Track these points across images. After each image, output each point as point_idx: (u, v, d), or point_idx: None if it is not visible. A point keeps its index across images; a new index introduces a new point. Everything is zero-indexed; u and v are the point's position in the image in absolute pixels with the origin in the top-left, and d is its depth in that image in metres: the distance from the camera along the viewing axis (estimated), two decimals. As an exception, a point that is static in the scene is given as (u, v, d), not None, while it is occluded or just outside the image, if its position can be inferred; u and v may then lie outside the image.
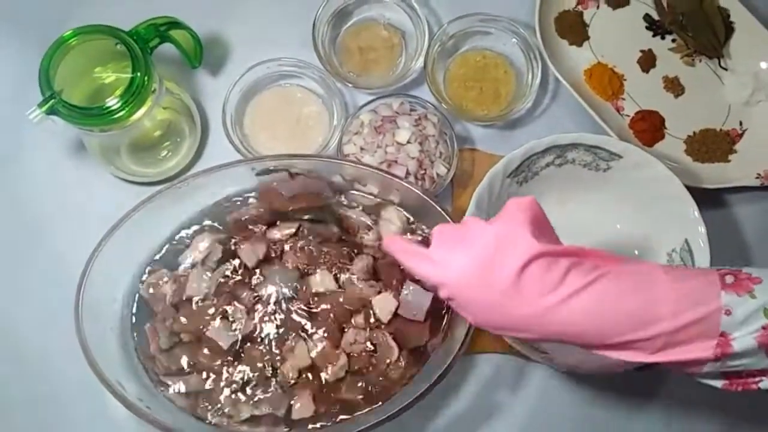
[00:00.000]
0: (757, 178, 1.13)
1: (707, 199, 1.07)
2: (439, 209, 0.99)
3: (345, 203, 1.06)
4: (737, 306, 0.71)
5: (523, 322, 0.75)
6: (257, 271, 1.02)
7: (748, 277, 0.73)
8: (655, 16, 1.21)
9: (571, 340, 0.75)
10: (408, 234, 1.04)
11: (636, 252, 1.10)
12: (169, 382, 0.99)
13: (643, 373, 0.95)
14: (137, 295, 1.02)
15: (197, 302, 1.00)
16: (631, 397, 1.09)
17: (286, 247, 1.03)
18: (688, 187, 1.03)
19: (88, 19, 1.00)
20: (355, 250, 1.03)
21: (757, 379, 0.75)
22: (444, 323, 1.02)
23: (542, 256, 0.74)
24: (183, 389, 0.98)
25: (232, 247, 1.03)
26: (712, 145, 1.16)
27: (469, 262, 0.76)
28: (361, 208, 1.05)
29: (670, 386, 1.09)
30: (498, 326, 0.77)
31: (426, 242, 0.98)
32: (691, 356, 0.72)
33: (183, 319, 1.00)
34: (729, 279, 0.73)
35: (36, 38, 0.99)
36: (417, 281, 0.99)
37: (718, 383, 0.76)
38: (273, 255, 1.03)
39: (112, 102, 0.95)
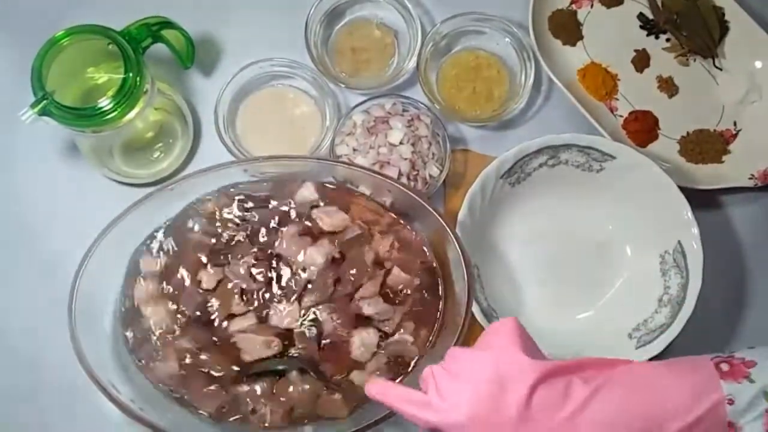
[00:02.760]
0: (750, 178, 1.14)
1: (701, 199, 1.09)
2: (432, 211, 1.00)
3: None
4: (738, 393, 0.72)
5: None
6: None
7: (743, 362, 0.74)
8: (650, 15, 1.22)
9: None
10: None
11: (629, 252, 1.11)
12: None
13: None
14: (126, 298, 1.04)
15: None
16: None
17: None
18: (682, 188, 1.05)
19: (80, 19, 1.01)
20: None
21: None
22: (431, 336, 1.04)
23: (544, 377, 0.74)
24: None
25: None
26: (706, 145, 1.17)
27: (474, 398, 0.75)
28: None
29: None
30: None
31: None
32: None
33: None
34: (724, 367, 0.74)
35: (28, 38, 1.00)
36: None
37: None
38: None
39: (105, 103, 0.96)
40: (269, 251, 1.02)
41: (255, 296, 1.01)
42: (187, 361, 1.00)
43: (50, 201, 1.13)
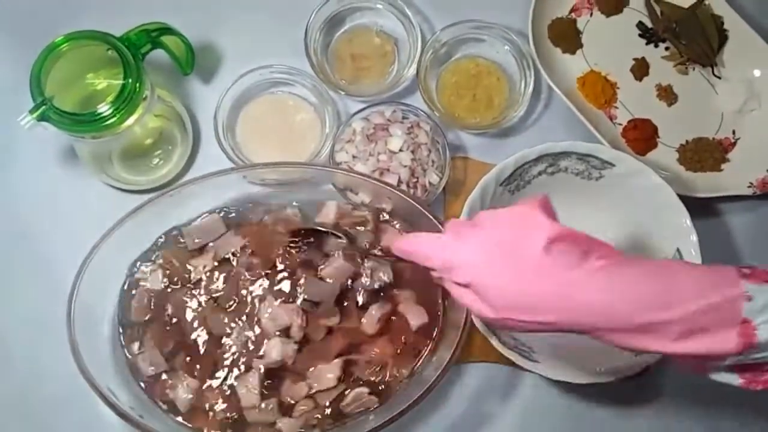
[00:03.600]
0: (749, 187, 1.14)
1: (699, 208, 1.09)
2: (432, 218, 1.00)
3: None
4: (758, 294, 0.71)
5: (546, 300, 0.74)
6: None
7: (765, 272, 0.73)
8: (649, 24, 1.22)
9: (593, 320, 0.74)
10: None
11: (628, 261, 1.12)
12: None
13: (634, 382, 0.97)
14: (123, 306, 1.04)
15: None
16: (622, 407, 1.10)
17: None
18: (681, 196, 1.05)
19: (79, 24, 1.01)
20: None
21: None
22: (435, 332, 1.04)
23: (564, 235, 0.75)
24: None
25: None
26: (705, 153, 1.17)
27: (490, 239, 0.77)
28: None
29: (662, 397, 1.11)
30: (518, 307, 0.75)
31: None
32: (713, 347, 0.72)
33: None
34: (746, 271, 0.73)
35: (27, 44, 1.00)
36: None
37: (736, 380, 0.75)
38: None
39: (104, 108, 0.96)
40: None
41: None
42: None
43: (49, 207, 1.13)
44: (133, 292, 1.03)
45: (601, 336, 0.75)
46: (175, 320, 1.03)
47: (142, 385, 1.01)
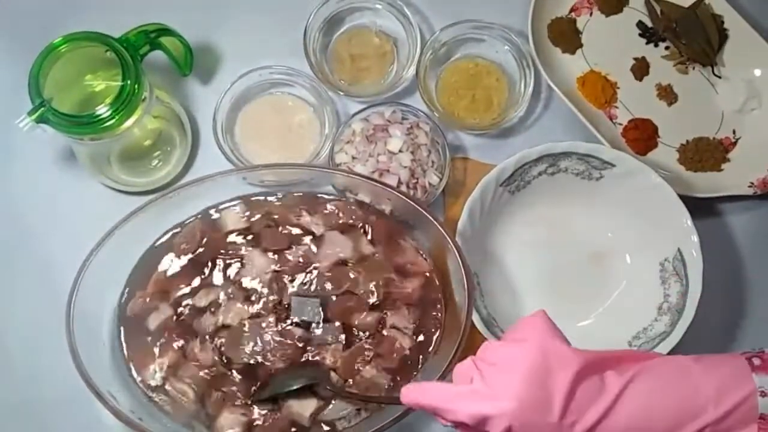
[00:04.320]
0: (750, 186, 1.14)
1: (700, 208, 1.10)
2: (432, 219, 1.01)
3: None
4: None
5: None
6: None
7: None
8: (649, 24, 1.23)
9: None
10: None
11: (628, 260, 1.12)
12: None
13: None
14: (122, 311, 1.04)
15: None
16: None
17: None
18: (681, 196, 1.05)
19: (78, 26, 1.01)
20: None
21: None
22: (435, 339, 1.04)
23: (587, 367, 0.75)
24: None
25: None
26: (705, 153, 1.18)
27: (522, 385, 0.75)
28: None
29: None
30: None
31: None
32: None
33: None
34: (756, 361, 0.75)
35: (26, 45, 1.01)
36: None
37: None
38: None
39: (102, 110, 0.97)
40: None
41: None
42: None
43: (48, 209, 1.13)
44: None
45: None
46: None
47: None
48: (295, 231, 1.05)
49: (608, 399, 0.74)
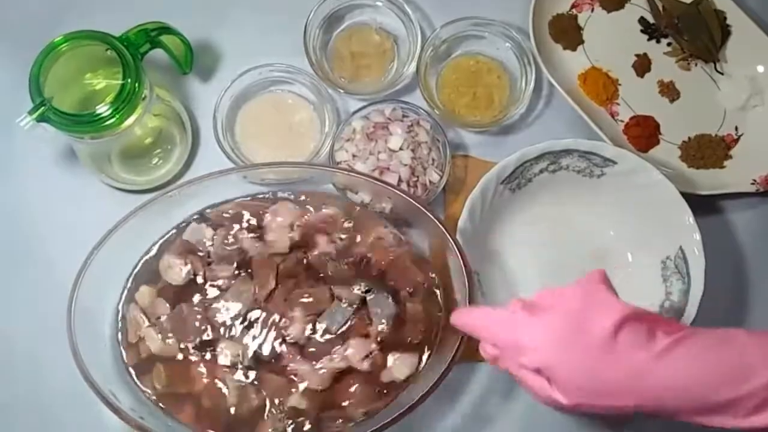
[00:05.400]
0: (752, 184, 1.15)
1: (702, 205, 1.10)
2: (432, 217, 1.01)
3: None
4: None
5: (621, 385, 0.74)
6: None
7: None
8: (651, 20, 1.23)
9: (668, 403, 0.74)
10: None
11: (630, 258, 1.13)
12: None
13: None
14: (121, 311, 1.05)
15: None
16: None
17: None
18: (683, 194, 1.06)
19: (78, 24, 1.01)
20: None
21: None
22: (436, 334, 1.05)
23: (631, 317, 0.75)
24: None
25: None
26: (708, 150, 1.18)
27: (560, 320, 0.76)
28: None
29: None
30: (592, 392, 0.75)
31: None
32: None
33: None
34: None
35: (26, 44, 1.01)
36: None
37: None
38: None
39: (103, 109, 0.97)
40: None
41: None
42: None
43: (48, 208, 1.13)
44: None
45: (675, 416, 0.76)
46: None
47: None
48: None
49: (656, 349, 0.74)
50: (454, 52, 1.21)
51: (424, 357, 1.03)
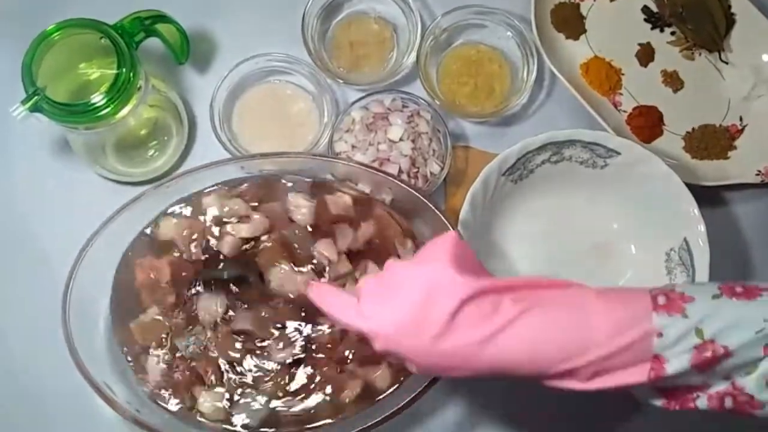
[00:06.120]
0: (757, 175, 1.14)
1: (706, 196, 1.09)
2: (433, 208, 1.01)
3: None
4: (669, 327, 0.75)
5: (460, 359, 0.77)
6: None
7: (681, 297, 0.76)
8: (654, 8, 1.23)
9: (506, 372, 0.78)
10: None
11: (633, 250, 1.12)
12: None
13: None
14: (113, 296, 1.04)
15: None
16: (622, 408, 1.11)
17: None
18: (687, 185, 1.05)
19: (71, 12, 1.01)
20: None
21: (693, 395, 0.78)
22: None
23: (474, 295, 0.77)
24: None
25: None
26: (712, 141, 1.18)
27: (400, 312, 0.78)
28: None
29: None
30: (434, 368, 0.81)
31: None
32: (625, 381, 0.76)
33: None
34: (661, 299, 0.76)
35: (18, 33, 1.00)
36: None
37: (658, 402, 0.79)
38: None
39: (97, 99, 0.96)
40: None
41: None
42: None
43: (42, 200, 1.13)
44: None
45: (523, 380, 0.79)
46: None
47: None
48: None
49: (495, 325, 0.76)
50: (455, 41, 1.20)
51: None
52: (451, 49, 1.19)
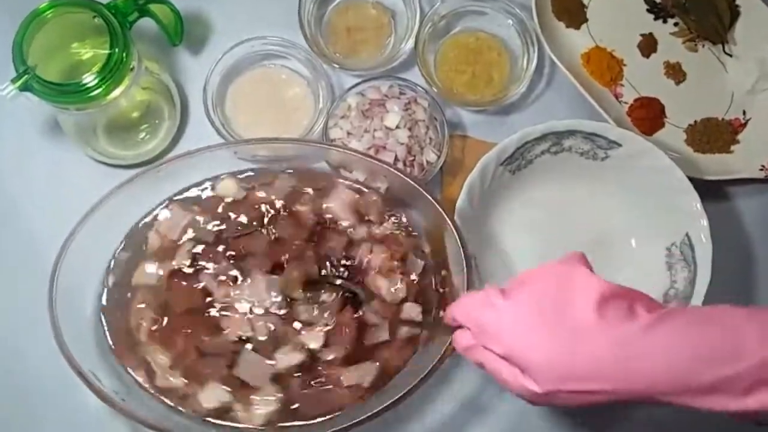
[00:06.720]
0: (761, 170, 1.14)
1: (708, 191, 1.09)
2: (430, 197, 1.00)
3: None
4: None
5: (602, 365, 0.72)
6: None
7: None
8: (657, -1, 1.22)
9: (654, 384, 0.72)
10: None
11: (633, 245, 1.11)
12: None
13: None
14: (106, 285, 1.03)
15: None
16: (621, 407, 1.10)
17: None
18: (689, 179, 1.05)
19: (64, -8, 1.00)
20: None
21: None
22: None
23: (614, 293, 0.74)
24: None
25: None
26: (714, 134, 1.17)
27: (530, 303, 0.75)
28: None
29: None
30: (569, 376, 0.73)
31: None
32: None
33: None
34: None
35: (9, 11, 0.99)
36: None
37: None
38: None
39: (89, 79, 0.96)
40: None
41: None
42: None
43: (31, 181, 1.12)
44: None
45: (661, 400, 0.73)
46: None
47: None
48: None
49: (636, 330, 0.72)
50: (454, 28, 1.19)
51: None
52: (449, 36, 1.18)
